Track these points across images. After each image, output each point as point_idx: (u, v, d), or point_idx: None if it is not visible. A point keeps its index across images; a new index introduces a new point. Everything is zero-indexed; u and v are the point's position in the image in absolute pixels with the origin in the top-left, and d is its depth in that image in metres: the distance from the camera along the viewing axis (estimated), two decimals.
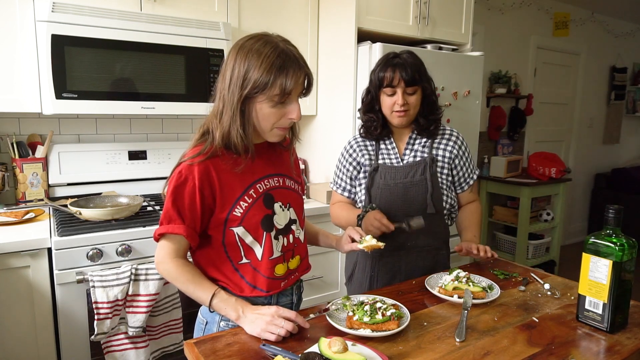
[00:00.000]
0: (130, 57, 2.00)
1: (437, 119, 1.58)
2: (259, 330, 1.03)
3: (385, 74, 1.49)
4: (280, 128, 1.12)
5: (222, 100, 1.08)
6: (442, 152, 1.59)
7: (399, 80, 1.48)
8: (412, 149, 1.60)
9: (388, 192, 1.55)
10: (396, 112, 1.51)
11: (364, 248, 1.27)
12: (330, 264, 2.46)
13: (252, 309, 1.08)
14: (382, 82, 1.51)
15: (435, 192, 1.55)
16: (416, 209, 1.54)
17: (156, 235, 1.12)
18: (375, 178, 1.58)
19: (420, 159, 1.58)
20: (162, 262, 1.11)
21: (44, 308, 1.72)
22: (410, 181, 1.55)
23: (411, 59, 1.52)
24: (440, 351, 0.99)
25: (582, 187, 5.32)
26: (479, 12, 3.67)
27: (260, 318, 1.05)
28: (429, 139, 1.60)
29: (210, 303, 1.09)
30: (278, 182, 1.21)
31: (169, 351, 1.88)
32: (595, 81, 5.13)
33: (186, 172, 1.09)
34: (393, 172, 1.57)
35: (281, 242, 1.19)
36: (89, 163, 2.27)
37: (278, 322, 1.03)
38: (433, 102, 1.57)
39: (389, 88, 1.50)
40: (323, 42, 2.61)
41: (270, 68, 1.03)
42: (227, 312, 1.09)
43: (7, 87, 1.88)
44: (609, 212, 1.08)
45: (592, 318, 1.11)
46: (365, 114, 1.60)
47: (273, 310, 1.06)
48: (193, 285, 1.10)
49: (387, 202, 1.54)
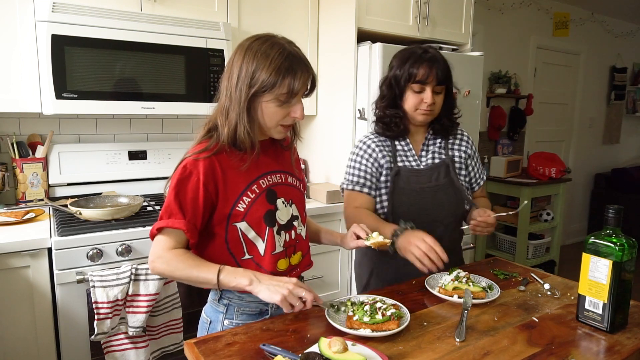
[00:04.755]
0: (130, 57, 2.00)
1: (457, 119, 1.54)
2: (279, 298, 1.00)
3: (419, 70, 1.40)
4: (284, 126, 1.15)
5: (229, 98, 1.10)
6: (458, 153, 1.56)
7: (433, 77, 1.40)
8: (428, 150, 1.54)
9: (416, 197, 1.46)
10: (422, 110, 1.44)
11: (371, 245, 1.25)
12: (330, 264, 2.46)
13: (267, 276, 1.06)
14: (413, 77, 1.42)
15: (463, 193, 1.50)
16: (445, 214, 1.49)
17: (154, 229, 1.10)
18: (399, 183, 1.48)
19: (439, 161, 1.52)
20: (159, 257, 1.08)
21: (44, 308, 1.72)
22: (436, 185, 1.48)
23: (441, 56, 1.44)
24: (440, 351, 0.99)
25: (582, 187, 5.32)
26: (479, 12, 3.67)
27: (281, 286, 1.02)
28: (443, 140, 1.56)
29: (218, 280, 1.05)
30: (280, 178, 1.23)
31: (169, 351, 1.88)
32: (595, 81, 5.14)
33: (191, 166, 1.09)
34: (416, 175, 1.48)
35: (283, 237, 1.20)
36: (89, 163, 2.27)
37: (298, 291, 1.02)
38: (453, 103, 1.52)
39: (418, 84, 1.42)
40: (323, 42, 2.61)
41: (278, 69, 1.05)
42: (237, 282, 1.04)
43: (7, 87, 1.88)
44: (609, 212, 1.08)
45: (592, 318, 1.11)
46: (386, 109, 1.50)
47: (294, 281, 1.04)
48: (196, 269, 1.06)
49: (416, 209, 1.47)
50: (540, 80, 4.51)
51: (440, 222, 1.50)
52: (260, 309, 1.20)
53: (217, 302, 1.20)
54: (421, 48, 1.46)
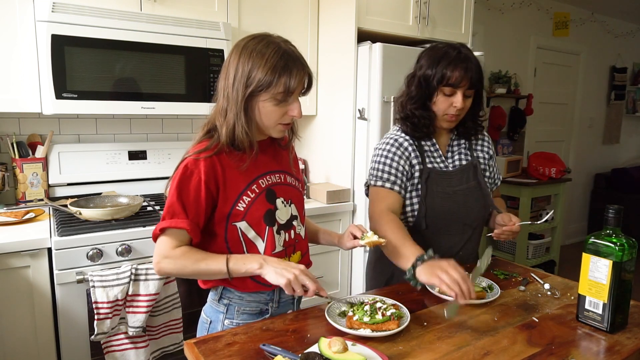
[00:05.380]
0: (130, 57, 2.00)
1: (482, 122, 1.50)
2: (284, 281, 1.03)
3: (454, 72, 1.33)
4: (283, 124, 1.15)
5: (226, 98, 1.10)
6: (481, 154, 1.54)
7: (466, 81, 1.34)
8: (454, 152, 1.50)
9: (448, 200, 1.41)
10: (449, 114, 1.39)
11: (365, 244, 1.25)
12: (330, 264, 2.46)
13: (275, 259, 1.08)
14: (446, 79, 1.34)
15: (490, 198, 1.47)
16: (474, 217, 1.46)
17: (157, 230, 1.10)
18: (431, 186, 1.41)
19: (466, 163, 1.48)
20: (165, 257, 1.08)
21: (44, 308, 1.72)
22: (467, 187, 1.44)
23: (474, 57, 1.37)
24: (440, 351, 0.99)
25: (582, 187, 5.32)
26: (479, 12, 3.67)
27: (288, 270, 1.04)
28: (467, 141, 1.52)
29: (228, 268, 1.07)
30: (280, 178, 1.23)
31: (169, 351, 1.88)
32: (595, 81, 5.14)
33: (192, 166, 1.10)
34: (447, 178, 1.43)
35: (283, 237, 1.20)
36: (89, 163, 2.27)
37: (303, 279, 1.04)
38: (481, 105, 1.48)
39: (449, 88, 1.35)
40: (323, 42, 2.61)
41: (274, 68, 1.06)
42: (247, 268, 1.07)
43: (7, 87, 1.88)
44: (609, 212, 1.08)
45: (592, 318, 1.11)
46: (416, 110, 1.42)
47: (302, 268, 1.06)
48: (205, 262, 1.08)
49: (447, 212, 1.41)
50: (540, 80, 4.51)
51: (470, 225, 1.47)
52: (261, 309, 1.21)
53: (217, 302, 1.21)
54: (454, 47, 1.38)
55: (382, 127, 2.30)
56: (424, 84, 1.40)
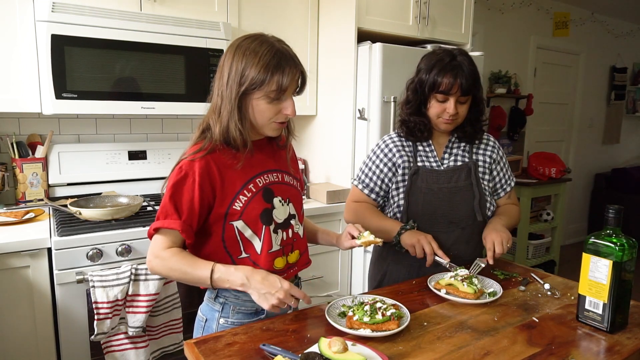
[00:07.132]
0: (130, 57, 2.00)
1: (483, 126, 1.52)
2: (267, 307, 1.04)
3: (444, 79, 1.38)
4: (277, 123, 1.16)
5: (220, 97, 1.12)
6: (482, 157, 1.54)
7: (457, 88, 1.37)
8: (451, 153, 1.53)
9: (432, 196, 1.46)
10: (444, 119, 1.43)
11: (361, 244, 1.26)
12: (330, 264, 2.46)
13: (259, 278, 1.05)
14: (437, 86, 1.39)
15: (482, 199, 1.49)
16: (461, 216, 1.47)
17: (151, 230, 1.11)
18: (416, 182, 1.47)
19: (461, 164, 1.50)
20: (156, 257, 1.09)
21: (44, 308, 1.72)
22: (455, 186, 1.47)
23: (469, 64, 1.40)
24: (440, 351, 0.99)
25: (582, 187, 5.32)
26: (478, 12, 3.67)
27: (272, 294, 1.04)
28: (468, 144, 1.54)
29: (212, 279, 1.06)
30: (277, 177, 1.23)
31: (169, 351, 1.88)
32: (595, 81, 5.14)
33: (187, 167, 1.10)
34: (435, 176, 1.48)
35: (280, 236, 1.20)
36: (89, 163, 2.27)
37: (287, 301, 1.05)
38: (481, 110, 1.50)
39: (442, 94, 1.40)
40: (323, 42, 2.61)
41: (267, 66, 1.07)
42: (231, 282, 1.06)
43: (7, 87, 1.88)
44: (609, 212, 1.08)
45: (592, 318, 1.11)
46: (412, 115, 1.49)
47: (286, 289, 1.05)
48: (191, 267, 1.08)
49: (431, 207, 1.46)
50: (540, 80, 4.51)
51: (456, 224, 1.48)
52: (256, 308, 1.20)
53: (213, 300, 1.21)
54: (449, 54, 1.41)
55: (382, 127, 2.30)
56: (419, 89, 1.45)
